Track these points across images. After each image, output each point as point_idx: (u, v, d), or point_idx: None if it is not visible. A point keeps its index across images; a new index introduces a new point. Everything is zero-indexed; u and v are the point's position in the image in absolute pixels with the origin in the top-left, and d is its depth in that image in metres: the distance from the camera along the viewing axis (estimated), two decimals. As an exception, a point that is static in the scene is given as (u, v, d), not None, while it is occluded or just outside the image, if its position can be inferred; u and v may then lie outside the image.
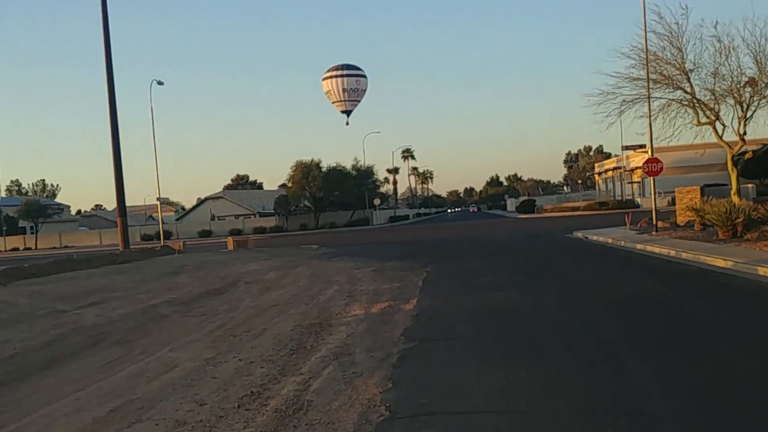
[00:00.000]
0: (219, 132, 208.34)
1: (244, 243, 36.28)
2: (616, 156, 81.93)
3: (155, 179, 43.01)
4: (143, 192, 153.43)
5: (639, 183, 67.89)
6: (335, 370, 7.09)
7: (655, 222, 24.98)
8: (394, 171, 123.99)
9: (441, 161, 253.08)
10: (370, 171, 79.05)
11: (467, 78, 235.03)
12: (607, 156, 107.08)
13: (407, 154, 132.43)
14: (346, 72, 76.08)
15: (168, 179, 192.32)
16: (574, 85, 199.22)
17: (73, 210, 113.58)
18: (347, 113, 77.70)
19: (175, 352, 8.76)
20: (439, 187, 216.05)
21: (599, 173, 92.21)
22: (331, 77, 76.04)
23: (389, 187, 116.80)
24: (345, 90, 75.19)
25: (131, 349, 9.10)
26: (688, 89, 23.29)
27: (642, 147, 29.76)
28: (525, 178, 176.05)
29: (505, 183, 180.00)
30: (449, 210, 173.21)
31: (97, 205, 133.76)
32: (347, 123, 78.79)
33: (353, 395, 6.09)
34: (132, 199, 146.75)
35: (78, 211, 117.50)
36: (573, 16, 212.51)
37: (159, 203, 45.98)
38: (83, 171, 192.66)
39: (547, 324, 9.30)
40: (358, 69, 77.88)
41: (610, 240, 23.52)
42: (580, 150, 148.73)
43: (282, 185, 75.17)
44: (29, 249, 72.33)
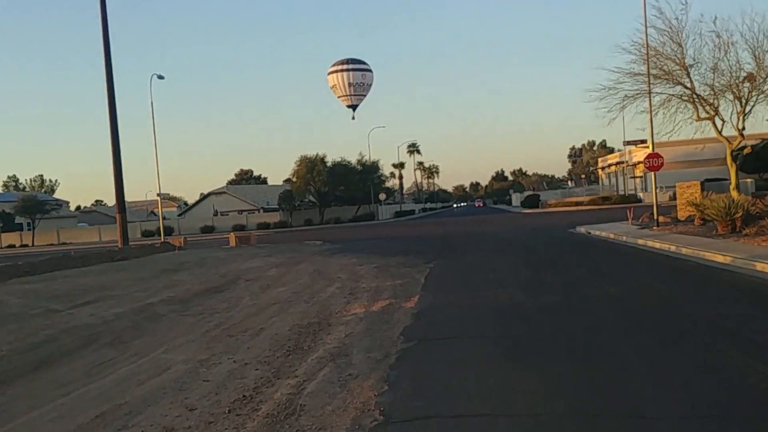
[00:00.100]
0: (223, 127, 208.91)
1: (246, 239, 36.09)
2: (619, 151, 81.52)
3: (159, 174, 42.73)
4: (145, 187, 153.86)
5: (641, 178, 67.55)
6: (331, 372, 6.92)
7: (656, 217, 24.83)
8: (399, 166, 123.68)
9: (447, 156, 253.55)
10: (375, 166, 78.75)
11: (472, 73, 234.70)
12: (611, 151, 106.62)
13: (413, 148, 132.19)
14: (351, 66, 76.00)
15: (172, 174, 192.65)
16: (578, 80, 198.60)
17: (73, 206, 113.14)
18: (353, 108, 77.64)
19: (169, 353, 8.59)
20: (445, 182, 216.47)
21: (602, 168, 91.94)
22: (337, 71, 75.94)
23: (395, 182, 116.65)
24: (351, 84, 75.15)
25: (124, 351, 8.93)
26: (687, 84, 23.35)
27: (643, 142, 29.68)
28: (530, 172, 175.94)
29: (510, 178, 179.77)
30: (455, 205, 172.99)
31: (98, 201, 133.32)
32: (353, 117, 78.79)
33: (348, 399, 5.91)
34: (133, 195, 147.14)
35: (78, 207, 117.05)
36: (578, 9, 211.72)
37: (159, 199, 45.79)
38: (84, 166, 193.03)
39: (548, 322, 9.13)
40: (363, 63, 77.76)
41: (612, 235, 23.40)
42: (583, 145, 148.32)
43: (287, 180, 74.98)
44: (26, 246, 71.60)
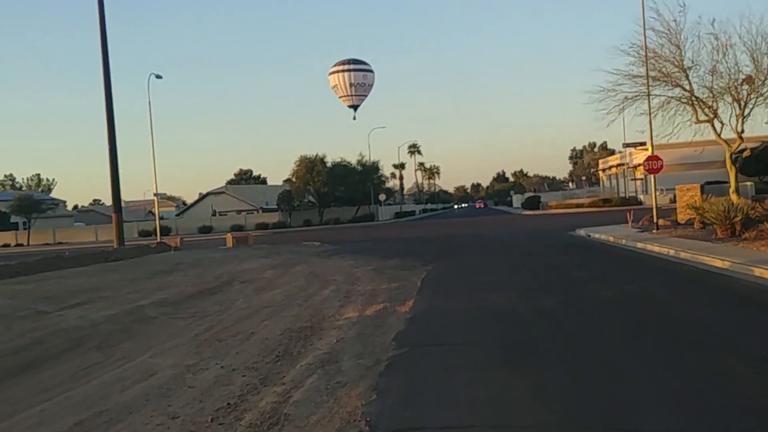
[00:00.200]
0: (223, 126, 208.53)
1: (243, 240, 35.91)
2: (619, 153, 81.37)
3: (156, 174, 42.58)
4: (143, 187, 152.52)
5: (642, 180, 67.36)
6: (319, 379, 6.75)
7: (656, 220, 24.66)
8: (400, 166, 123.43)
9: (448, 157, 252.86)
10: (375, 166, 78.61)
11: (474, 73, 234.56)
12: (611, 152, 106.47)
13: (414, 149, 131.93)
14: (353, 66, 76.00)
15: (171, 174, 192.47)
16: (580, 81, 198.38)
17: (71, 205, 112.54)
18: (354, 108, 77.64)
19: (156, 357, 8.42)
20: (446, 183, 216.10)
21: (603, 170, 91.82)
22: (338, 72, 75.91)
23: (395, 183, 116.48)
24: (352, 84, 75.15)
25: (110, 355, 8.76)
26: (686, 87, 23.33)
27: (642, 144, 29.59)
28: (531, 174, 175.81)
29: (512, 179, 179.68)
30: (456, 206, 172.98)
31: (96, 200, 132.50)
32: (354, 118, 78.75)
33: (334, 408, 5.73)
34: (131, 194, 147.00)
35: (75, 206, 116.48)
36: (579, 10, 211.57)
37: (156, 198, 45.59)
38: (82, 165, 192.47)
39: (544, 327, 9.00)
40: (364, 63, 77.77)
41: (611, 238, 23.26)
42: (585, 146, 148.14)
43: (286, 180, 74.79)
44: (21, 245, 70.96)
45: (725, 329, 8.20)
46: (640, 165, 55.83)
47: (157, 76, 44.26)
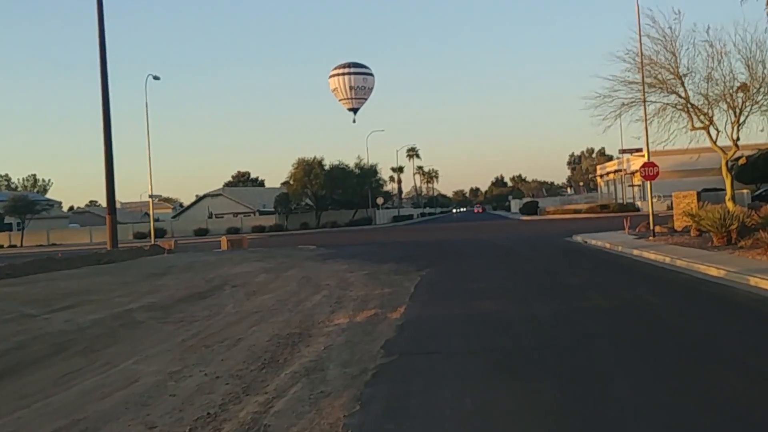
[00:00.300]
0: (222, 128, 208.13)
1: (238, 243, 35.73)
2: (617, 159, 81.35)
3: (153, 175, 42.48)
4: (140, 188, 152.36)
5: (639, 186, 67.29)
6: (303, 388, 6.59)
7: (653, 227, 24.55)
8: (398, 170, 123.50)
9: (447, 161, 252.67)
10: (373, 170, 78.47)
11: (473, 78, 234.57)
12: (609, 158, 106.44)
13: (412, 153, 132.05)
14: (353, 70, 76.16)
15: (169, 175, 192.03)
16: (577, 87, 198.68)
17: (66, 206, 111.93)
18: (354, 111, 77.76)
19: (140, 363, 8.26)
20: (445, 187, 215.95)
21: (601, 175, 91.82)
22: (338, 75, 76.05)
23: (393, 186, 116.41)
24: (352, 88, 75.28)
25: (94, 360, 8.60)
26: (682, 93, 23.30)
27: (639, 151, 29.59)
28: (529, 179, 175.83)
29: (510, 184, 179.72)
30: (454, 210, 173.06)
31: (92, 201, 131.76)
32: (354, 121, 78.81)
33: (315, 419, 5.58)
34: (128, 196, 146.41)
35: (71, 208, 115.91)
36: (578, 15, 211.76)
37: (151, 200, 45.36)
38: (78, 166, 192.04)
39: (535, 336, 8.84)
40: (365, 67, 77.93)
41: (608, 245, 23.15)
42: (583, 152, 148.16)
43: (284, 183, 74.65)
44: (14, 246, 70.64)
45: (719, 340, 8.06)
46: (637, 171, 55.96)
47: (155, 77, 44.11)
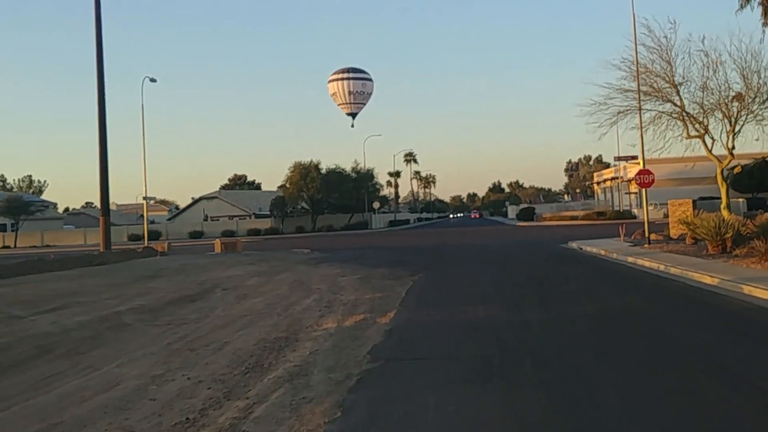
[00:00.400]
0: (219, 131, 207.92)
1: (232, 246, 35.61)
2: (614, 166, 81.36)
3: (149, 177, 42.40)
4: (137, 190, 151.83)
5: (636, 194, 67.25)
6: (285, 393, 6.49)
7: (648, 235, 24.53)
8: (395, 174, 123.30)
9: (444, 166, 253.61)
10: (370, 174, 78.64)
11: (471, 83, 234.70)
12: (606, 166, 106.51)
13: (409, 157, 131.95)
14: (352, 75, 76.38)
15: (165, 178, 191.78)
16: (575, 94, 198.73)
17: (62, 207, 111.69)
18: (353, 116, 77.87)
19: (123, 367, 8.15)
20: (442, 192, 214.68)
21: (598, 183, 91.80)
22: (338, 80, 76.24)
23: (390, 191, 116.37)
24: (351, 92, 75.47)
25: (77, 363, 8.48)
26: (677, 102, 23.34)
27: (634, 158, 29.60)
28: (527, 185, 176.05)
29: (507, 190, 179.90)
30: (451, 215, 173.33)
31: (88, 203, 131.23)
32: (352, 125, 79.00)
33: (295, 426, 5.48)
34: (124, 198, 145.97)
35: (66, 209, 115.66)
36: (576, 21, 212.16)
37: (145, 202, 45.28)
38: (75, 168, 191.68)
39: (524, 342, 8.75)
40: (364, 72, 78.16)
41: (603, 252, 23.11)
42: (580, 159, 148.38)
43: (281, 186, 74.69)
44: (8, 247, 70.53)
45: (710, 349, 7.97)
46: (633, 179, 55.92)
47: (152, 79, 44.11)
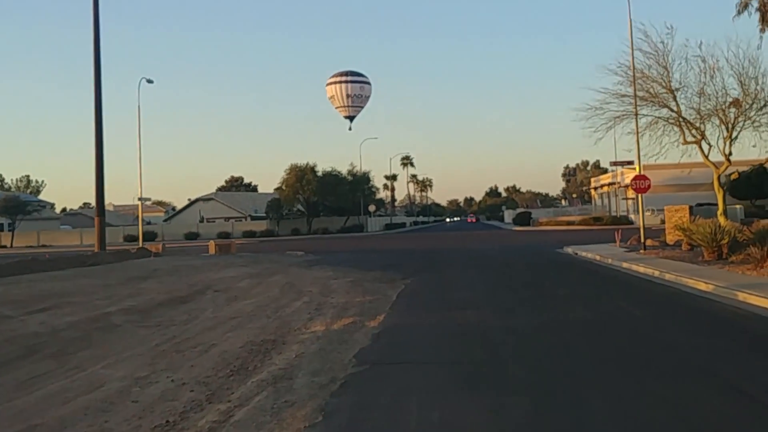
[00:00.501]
0: (216, 133, 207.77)
1: (226, 247, 35.56)
2: (612, 171, 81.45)
3: (147, 178, 42.46)
4: (134, 191, 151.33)
5: (633, 199, 67.30)
6: (268, 397, 6.46)
7: (643, 240, 24.51)
8: (391, 178, 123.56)
9: (441, 170, 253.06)
10: (366, 177, 78.87)
11: (469, 88, 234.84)
12: (604, 171, 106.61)
13: (406, 161, 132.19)
14: (350, 78, 76.56)
15: (163, 179, 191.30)
16: (573, 99, 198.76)
17: (60, 208, 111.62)
18: (350, 119, 78.01)
19: (109, 368, 8.12)
20: (439, 196, 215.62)
21: (595, 188, 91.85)
22: (336, 83, 76.45)
23: (387, 194, 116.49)
24: (349, 96, 75.67)
25: (64, 363, 8.45)
26: (674, 108, 23.30)
27: (630, 164, 29.57)
28: (524, 190, 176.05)
29: (504, 194, 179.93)
30: (448, 219, 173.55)
31: (85, 204, 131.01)
32: (350, 128, 79.14)
33: (275, 430, 5.45)
34: (122, 198, 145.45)
35: (63, 209, 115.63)
36: (573, 27, 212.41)
37: (140, 203, 45.31)
38: (74, 168, 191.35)
39: (513, 348, 8.72)
40: (362, 76, 78.38)
41: (597, 257, 23.11)
42: (578, 164, 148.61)
43: (277, 189, 74.82)
44: (4, 247, 70.45)
45: (701, 356, 7.91)
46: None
47: (148, 80, 44.05)
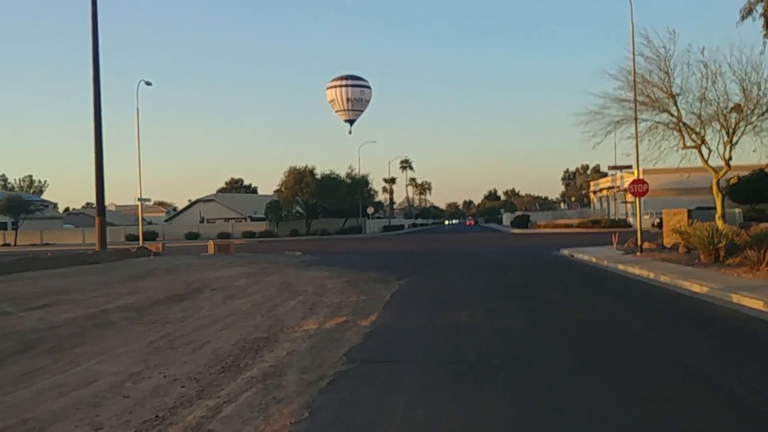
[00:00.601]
0: (218, 135, 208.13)
1: (225, 247, 35.70)
2: (611, 175, 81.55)
3: (149, 180, 42.64)
4: (135, 191, 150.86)
5: (632, 203, 67.39)
6: (256, 393, 6.57)
7: (640, 243, 24.60)
8: (390, 181, 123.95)
9: (441, 173, 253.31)
10: (364, 180, 79.35)
11: (469, 90, 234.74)
12: (603, 175, 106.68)
13: (405, 164, 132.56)
14: (351, 82, 76.79)
15: (165, 180, 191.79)
16: (573, 103, 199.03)
17: (63, 207, 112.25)
18: (350, 122, 78.16)
19: (103, 364, 8.24)
20: (438, 199, 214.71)
21: (594, 192, 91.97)
22: (336, 86, 76.64)
23: (386, 197, 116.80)
24: (349, 99, 75.85)
25: (59, 359, 8.57)
26: (674, 112, 23.40)
27: (629, 168, 29.69)
28: (523, 193, 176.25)
29: (503, 197, 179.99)
30: (446, 222, 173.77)
31: (88, 203, 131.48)
32: (350, 132, 79.33)
33: (261, 426, 5.55)
34: (124, 199, 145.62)
35: (66, 209, 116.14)
36: (574, 31, 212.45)
37: (140, 203, 45.62)
38: (76, 168, 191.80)
39: (502, 348, 8.82)
40: (362, 80, 78.62)
41: (594, 259, 23.22)
42: (577, 168, 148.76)
43: (276, 191, 75.15)
44: (8, 245, 71.40)
45: (693, 358, 7.91)
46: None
47: (147, 83, 44.29)
